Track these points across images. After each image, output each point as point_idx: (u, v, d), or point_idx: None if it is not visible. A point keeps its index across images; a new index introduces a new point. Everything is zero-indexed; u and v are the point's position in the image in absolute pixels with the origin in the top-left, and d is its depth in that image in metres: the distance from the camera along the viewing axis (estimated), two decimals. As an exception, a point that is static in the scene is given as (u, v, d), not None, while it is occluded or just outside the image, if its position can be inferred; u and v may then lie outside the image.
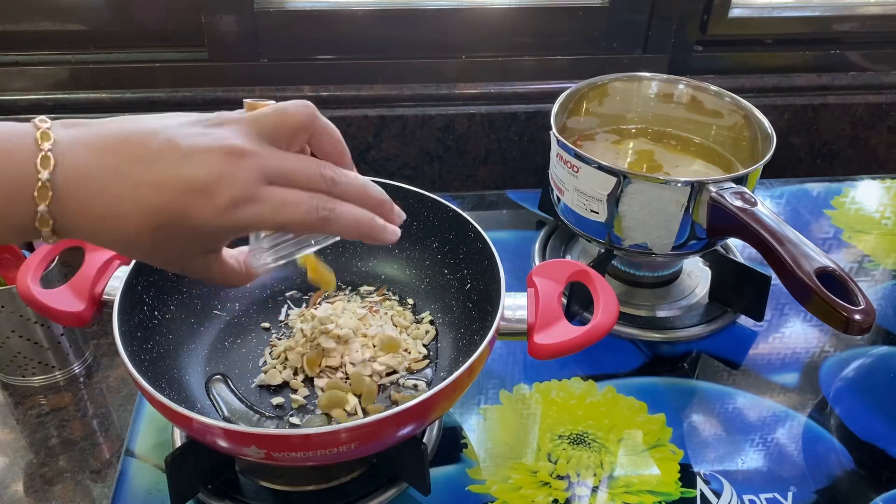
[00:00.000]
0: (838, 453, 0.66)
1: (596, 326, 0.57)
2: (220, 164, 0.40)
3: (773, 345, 0.77)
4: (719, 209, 0.68)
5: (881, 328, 0.79)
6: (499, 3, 0.95)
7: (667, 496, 0.61)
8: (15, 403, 0.69)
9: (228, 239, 0.44)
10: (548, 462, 0.63)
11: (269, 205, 0.41)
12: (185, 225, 0.40)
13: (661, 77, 0.85)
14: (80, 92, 0.89)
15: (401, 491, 0.60)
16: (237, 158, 0.41)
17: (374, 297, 0.72)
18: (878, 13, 1.03)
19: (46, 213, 0.39)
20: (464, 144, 0.98)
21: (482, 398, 0.69)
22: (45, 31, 0.88)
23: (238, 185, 0.40)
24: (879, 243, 0.91)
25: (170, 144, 0.40)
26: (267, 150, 0.42)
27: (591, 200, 0.73)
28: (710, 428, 0.67)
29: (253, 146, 0.42)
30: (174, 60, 0.92)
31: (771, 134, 0.75)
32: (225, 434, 0.50)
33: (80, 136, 0.40)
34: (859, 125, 1.05)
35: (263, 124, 0.43)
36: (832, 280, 0.61)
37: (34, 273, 0.60)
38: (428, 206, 0.70)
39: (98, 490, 0.61)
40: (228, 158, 0.40)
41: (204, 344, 0.67)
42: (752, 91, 1.01)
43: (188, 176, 0.40)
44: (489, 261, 0.63)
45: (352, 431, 0.49)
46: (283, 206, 0.42)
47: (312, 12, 0.91)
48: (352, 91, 0.94)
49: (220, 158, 0.40)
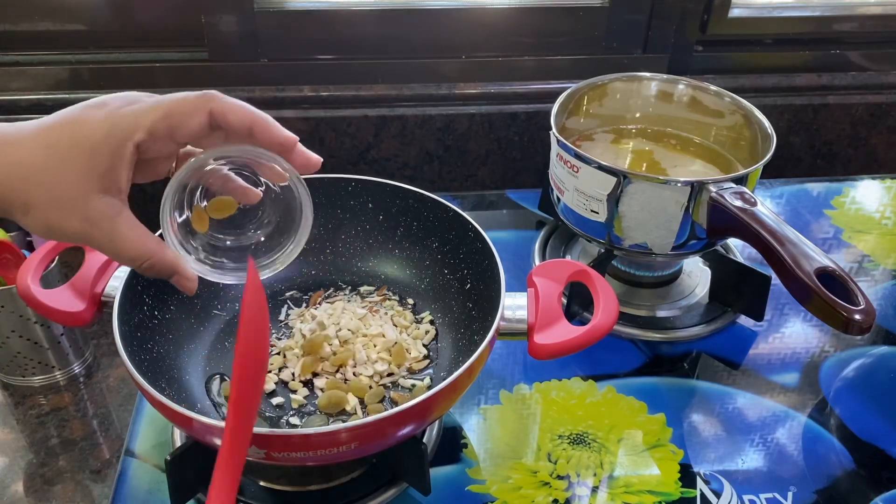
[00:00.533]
0: (838, 453, 0.66)
1: (596, 326, 0.57)
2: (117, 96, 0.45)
3: (773, 345, 0.77)
4: (719, 209, 0.68)
5: (881, 328, 0.79)
6: (499, 3, 0.95)
7: (667, 496, 0.61)
8: (15, 403, 0.69)
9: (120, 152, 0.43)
10: (548, 462, 0.63)
11: (153, 99, 0.44)
12: (76, 134, 0.43)
13: (661, 77, 0.85)
14: (80, 92, 0.89)
15: (401, 491, 0.60)
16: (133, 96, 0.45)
17: (374, 297, 0.72)
18: (878, 13, 1.03)
19: None
20: (464, 144, 0.98)
21: (482, 398, 0.69)
22: (45, 31, 0.88)
23: (129, 96, 0.45)
24: (879, 243, 0.91)
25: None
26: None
27: (591, 200, 0.73)
28: (710, 428, 0.67)
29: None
30: (174, 60, 0.92)
31: (771, 134, 0.75)
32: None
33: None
34: (859, 125, 1.05)
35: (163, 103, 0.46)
36: (832, 280, 0.61)
37: (34, 273, 0.60)
38: (428, 206, 0.70)
39: (98, 490, 0.62)
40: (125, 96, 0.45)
41: (204, 344, 0.67)
42: (752, 91, 1.00)
43: (90, 102, 0.44)
44: (489, 261, 0.63)
45: (352, 431, 0.49)
46: (164, 97, 0.44)
47: (312, 12, 0.91)
48: (352, 91, 0.94)
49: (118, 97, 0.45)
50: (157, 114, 0.43)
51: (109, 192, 0.44)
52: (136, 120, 0.43)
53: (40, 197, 0.43)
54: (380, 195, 0.71)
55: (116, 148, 0.43)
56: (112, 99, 0.44)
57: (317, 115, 0.93)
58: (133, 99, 0.44)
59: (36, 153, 0.42)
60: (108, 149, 0.43)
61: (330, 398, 0.62)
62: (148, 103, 0.44)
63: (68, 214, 0.43)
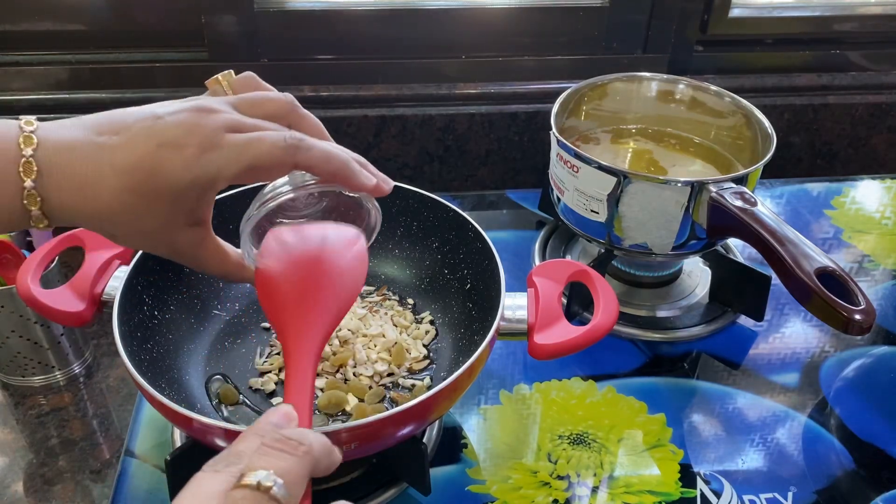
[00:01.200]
0: (838, 453, 0.66)
1: (596, 326, 0.57)
2: (188, 120, 0.42)
3: (773, 345, 0.77)
4: (719, 209, 0.68)
5: (881, 328, 0.79)
6: (499, 3, 0.95)
7: (667, 496, 0.61)
8: (15, 403, 0.69)
9: (204, 196, 0.43)
10: (548, 462, 0.63)
11: (235, 147, 0.42)
12: (158, 183, 0.41)
13: (661, 77, 0.85)
14: (80, 92, 0.89)
15: (401, 491, 0.60)
16: (206, 114, 0.43)
17: (374, 297, 0.72)
18: (878, 13, 1.03)
19: (33, 190, 0.41)
20: (464, 144, 0.98)
21: (482, 398, 0.69)
22: (45, 31, 0.88)
23: (204, 133, 0.42)
24: (879, 243, 0.91)
25: (144, 112, 0.43)
26: (238, 112, 0.44)
27: (591, 200, 0.73)
28: (710, 428, 0.67)
29: (225, 107, 0.44)
30: (174, 60, 0.92)
31: (771, 134, 0.75)
32: (225, 434, 0.50)
33: (62, 122, 0.43)
34: (859, 125, 1.05)
35: (243, 99, 0.45)
36: (832, 280, 0.61)
37: (34, 273, 0.60)
38: (428, 206, 0.70)
39: (98, 490, 0.61)
40: (197, 114, 0.42)
41: (204, 344, 0.67)
42: (752, 91, 1.01)
43: (158, 134, 0.41)
44: (489, 261, 0.63)
45: (352, 431, 0.49)
46: (248, 145, 0.43)
47: (312, 12, 0.91)
48: (352, 91, 0.94)
49: (189, 115, 0.42)
50: (241, 166, 0.42)
51: (194, 225, 0.45)
52: (218, 172, 0.42)
53: (127, 231, 0.44)
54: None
55: (200, 195, 0.43)
56: (188, 136, 0.41)
57: (317, 115, 0.92)
58: (210, 141, 0.42)
59: (121, 196, 0.41)
60: (192, 195, 0.43)
61: (330, 398, 0.62)
62: (230, 154, 0.42)
63: (156, 244, 0.46)
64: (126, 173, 0.41)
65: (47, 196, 0.41)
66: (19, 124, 0.41)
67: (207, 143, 0.42)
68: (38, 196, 0.41)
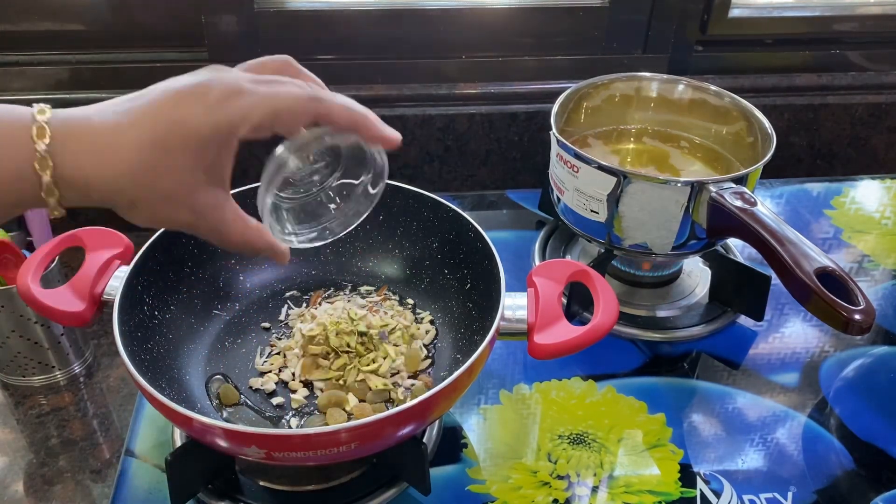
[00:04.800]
0: (838, 453, 0.66)
1: (596, 326, 0.57)
2: (209, 73, 0.43)
3: (773, 345, 0.77)
4: (719, 209, 0.68)
5: (881, 328, 0.79)
6: (499, 3, 0.95)
7: (667, 496, 0.61)
8: (15, 403, 0.69)
9: (227, 146, 0.43)
10: (548, 462, 0.63)
11: (259, 94, 0.43)
12: (181, 132, 0.41)
13: (661, 77, 0.85)
14: (80, 92, 0.89)
15: (401, 491, 0.60)
16: (223, 71, 0.44)
17: (374, 297, 0.72)
18: (878, 13, 1.03)
19: (46, 153, 0.40)
20: (464, 144, 0.98)
21: (482, 398, 0.69)
22: (45, 31, 0.88)
23: (226, 82, 0.42)
24: (879, 243, 0.91)
25: (166, 81, 0.43)
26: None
27: (591, 200, 0.73)
28: (710, 428, 0.67)
29: (236, 69, 0.45)
30: (174, 60, 0.92)
31: (771, 134, 0.75)
32: (225, 434, 0.50)
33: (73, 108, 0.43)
34: (859, 125, 1.05)
35: (246, 65, 0.47)
36: (832, 280, 0.61)
37: (34, 273, 0.60)
38: (428, 206, 0.70)
39: (98, 490, 0.62)
40: (218, 70, 0.43)
41: (204, 344, 0.67)
42: (752, 91, 1.00)
43: (179, 88, 0.42)
44: (489, 261, 0.63)
45: (352, 431, 0.49)
46: (272, 92, 0.43)
47: (312, 12, 0.91)
48: (352, 91, 0.94)
49: (210, 71, 0.43)
50: (265, 112, 0.43)
51: (215, 184, 0.44)
52: (243, 116, 0.42)
53: (148, 195, 0.43)
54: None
55: (223, 143, 0.43)
56: (209, 85, 0.42)
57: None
58: (232, 88, 0.42)
59: (143, 153, 0.41)
60: (215, 145, 0.42)
61: (330, 398, 0.62)
62: (254, 99, 0.42)
63: (177, 208, 0.44)
64: (147, 128, 0.41)
65: (61, 161, 0.40)
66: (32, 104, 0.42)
67: (229, 91, 0.42)
68: (49, 161, 0.40)
